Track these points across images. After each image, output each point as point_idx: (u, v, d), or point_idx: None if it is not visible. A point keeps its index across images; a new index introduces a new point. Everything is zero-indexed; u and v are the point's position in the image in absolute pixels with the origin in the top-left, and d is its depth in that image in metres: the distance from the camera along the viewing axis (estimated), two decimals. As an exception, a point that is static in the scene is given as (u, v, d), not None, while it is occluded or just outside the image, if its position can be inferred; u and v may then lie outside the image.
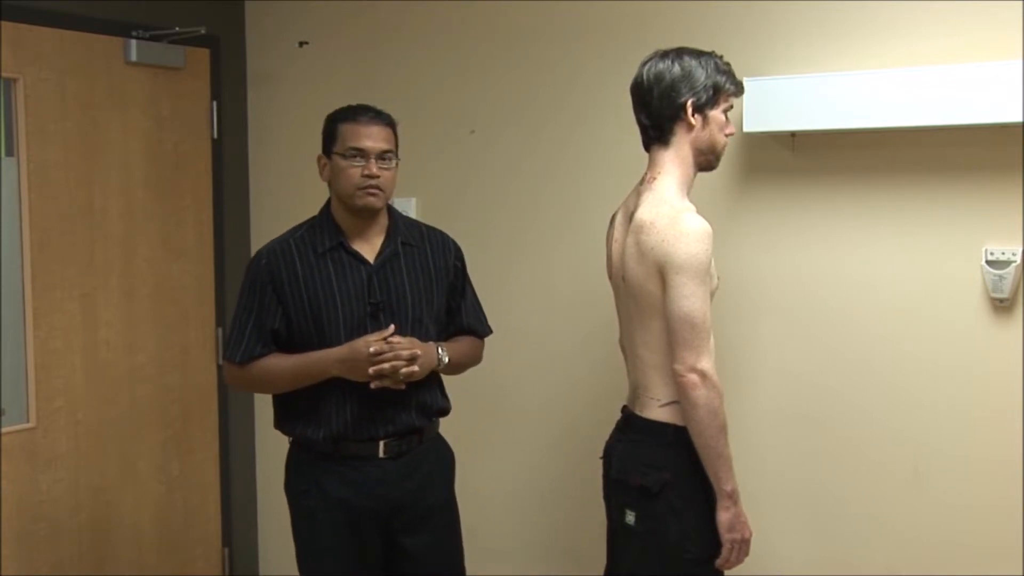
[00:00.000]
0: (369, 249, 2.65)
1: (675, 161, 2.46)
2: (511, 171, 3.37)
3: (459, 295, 2.79)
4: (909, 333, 2.75)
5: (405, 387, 2.56)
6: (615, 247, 2.55)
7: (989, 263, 2.61)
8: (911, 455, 2.77)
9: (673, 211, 2.39)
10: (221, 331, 3.81)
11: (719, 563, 2.42)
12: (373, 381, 2.51)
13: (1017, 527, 2.63)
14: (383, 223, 2.68)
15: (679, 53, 2.45)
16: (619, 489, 2.51)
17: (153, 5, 3.58)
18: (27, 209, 3.27)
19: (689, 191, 2.48)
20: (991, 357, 2.64)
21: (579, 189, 3.23)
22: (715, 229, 2.39)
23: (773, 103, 2.76)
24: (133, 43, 3.49)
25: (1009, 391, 2.62)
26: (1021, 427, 2.61)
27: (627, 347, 2.58)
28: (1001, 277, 2.59)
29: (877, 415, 2.80)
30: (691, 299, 2.33)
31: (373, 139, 2.59)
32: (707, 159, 2.49)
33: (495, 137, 3.40)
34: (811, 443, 2.90)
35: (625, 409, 2.59)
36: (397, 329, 2.56)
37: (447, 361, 2.65)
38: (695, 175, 2.50)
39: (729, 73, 2.48)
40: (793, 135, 2.84)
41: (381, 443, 2.62)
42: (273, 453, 3.19)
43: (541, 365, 3.35)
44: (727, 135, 2.50)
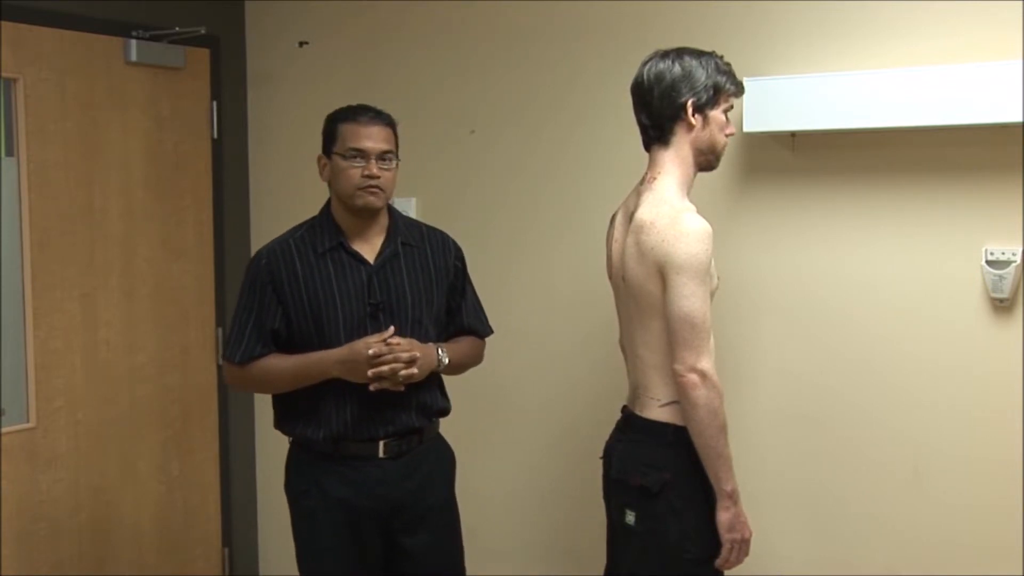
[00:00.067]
0: (369, 249, 2.65)
1: (675, 161, 2.46)
2: (511, 171, 3.37)
3: (459, 295, 2.79)
4: (909, 333, 2.75)
5: (404, 389, 2.56)
6: (615, 247, 2.55)
7: (989, 263, 2.61)
8: (911, 455, 2.77)
9: (673, 211, 2.39)
10: (221, 331, 3.81)
11: (719, 563, 2.42)
12: (372, 383, 2.51)
13: (1017, 527, 2.63)
14: (383, 223, 2.68)
15: (679, 53, 2.46)
16: (619, 489, 2.51)
17: (153, 5, 3.58)
18: (27, 209, 3.27)
19: (689, 191, 2.48)
20: (991, 357, 2.64)
21: (579, 189, 3.23)
22: (715, 229, 2.39)
23: (773, 103, 2.76)
24: (133, 43, 3.49)
25: (1009, 391, 2.62)
26: (1021, 427, 2.61)
27: (627, 347, 2.58)
28: (1001, 277, 2.59)
29: (877, 415, 2.80)
30: (691, 299, 2.33)
31: (373, 139, 2.59)
32: (707, 159, 2.49)
33: (495, 137, 3.39)
34: (811, 443, 2.90)
35: (625, 409, 2.59)
36: (397, 330, 2.56)
37: (447, 362, 2.65)
38: (695, 175, 2.50)
39: (729, 73, 2.48)
40: (793, 135, 2.84)
41: (381, 443, 2.62)
42: (273, 453, 3.19)
43: (541, 365, 3.35)
44: (727, 135, 2.50)
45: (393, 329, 2.55)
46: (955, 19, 2.63)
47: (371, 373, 2.49)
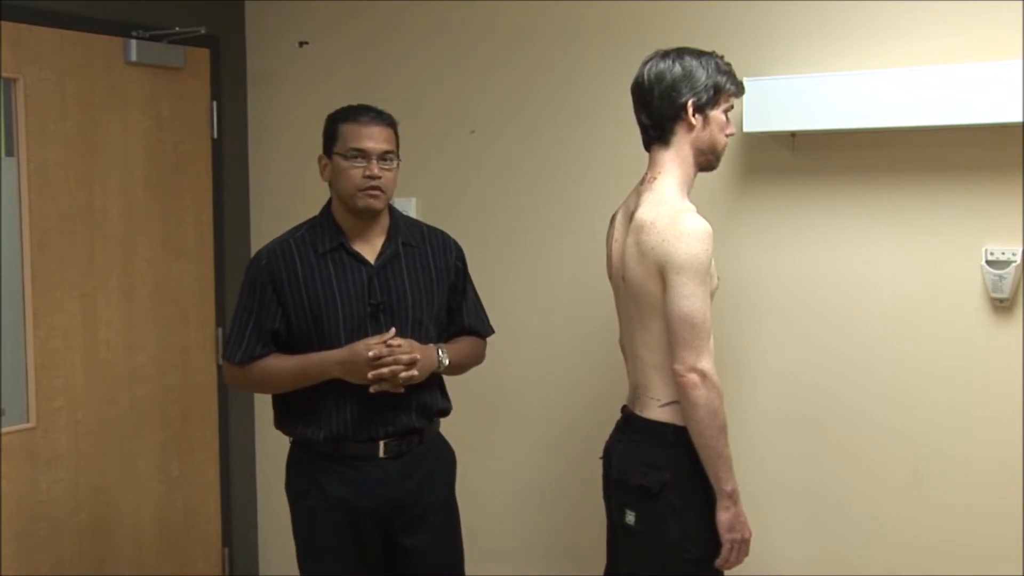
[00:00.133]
0: (370, 250, 2.65)
1: (675, 161, 2.46)
2: (511, 171, 3.37)
3: (460, 295, 2.79)
4: (909, 333, 2.75)
5: (404, 390, 2.56)
6: (615, 247, 2.55)
7: (989, 263, 2.61)
8: (911, 455, 2.77)
9: (673, 211, 2.39)
10: (221, 331, 3.81)
11: (719, 563, 2.42)
12: (372, 385, 2.51)
13: (1017, 527, 2.63)
14: (384, 223, 2.68)
15: (680, 53, 2.46)
16: (619, 489, 2.51)
17: (153, 5, 3.58)
18: (27, 209, 3.27)
19: (689, 191, 2.48)
20: (991, 357, 2.64)
21: (579, 189, 3.23)
22: (715, 229, 2.39)
23: (773, 103, 2.76)
24: (133, 43, 3.49)
25: (1009, 391, 2.62)
26: (1021, 427, 2.61)
27: (627, 347, 2.58)
28: (1001, 277, 2.59)
29: (877, 415, 2.80)
30: (691, 299, 2.33)
31: (374, 140, 2.59)
32: (707, 159, 2.49)
33: (495, 137, 3.39)
34: (811, 443, 2.91)
35: (625, 409, 2.59)
36: (397, 331, 2.56)
37: (447, 363, 2.65)
38: (695, 175, 2.50)
39: (730, 73, 2.48)
40: (793, 135, 2.84)
41: (381, 443, 2.62)
42: (273, 453, 3.19)
43: (541, 365, 3.35)
44: (727, 135, 2.50)
45: (394, 331, 2.56)
46: (955, 19, 2.63)
47: (371, 375, 2.49)
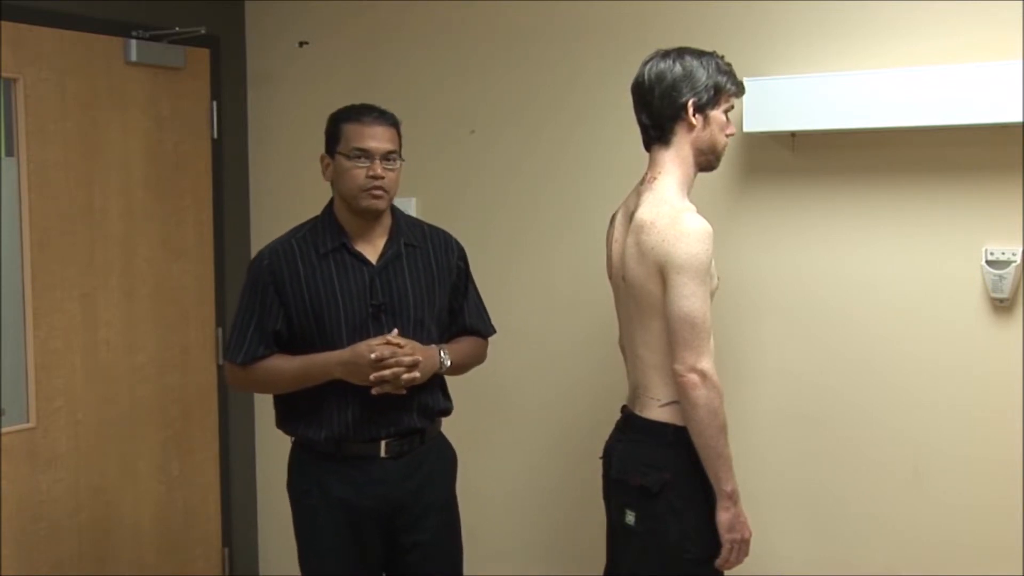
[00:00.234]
0: (372, 250, 2.65)
1: (676, 161, 2.46)
2: (511, 171, 3.37)
3: (462, 295, 2.78)
4: (909, 333, 2.75)
5: (406, 392, 2.56)
6: (615, 247, 2.55)
7: (989, 263, 2.61)
8: (911, 455, 2.77)
9: (673, 211, 2.39)
10: (221, 331, 3.81)
11: (719, 563, 2.42)
12: (374, 387, 2.51)
13: (1017, 527, 2.63)
14: (386, 223, 2.68)
15: (680, 53, 2.46)
16: (619, 489, 2.51)
17: (153, 5, 3.58)
18: (27, 209, 3.27)
19: (689, 191, 2.48)
20: (991, 357, 2.64)
21: (579, 189, 3.23)
22: (715, 229, 2.39)
23: (773, 103, 2.76)
24: (133, 43, 3.49)
25: (1009, 391, 2.62)
26: (1021, 427, 2.61)
27: (627, 347, 2.58)
28: (1001, 277, 2.59)
29: (877, 415, 2.80)
30: (691, 299, 2.33)
31: (378, 140, 2.59)
32: (708, 159, 2.49)
33: (495, 137, 3.39)
34: (811, 443, 2.91)
35: (625, 409, 2.59)
36: (399, 332, 2.56)
37: (448, 364, 2.65)
38: (695, 175, 2.50)
39: (730, 73, 2.48)
40: (793, 135, 2.84)
41: (383, 443, 2.62)
42: (273, 453, 3.19)
43: (541, 365, 3.35)
44: (728, 135, 2.50)
45: (396, 332, 2.55)
46: (955, 19, 2.63)
47: (373, 377, 2.49)
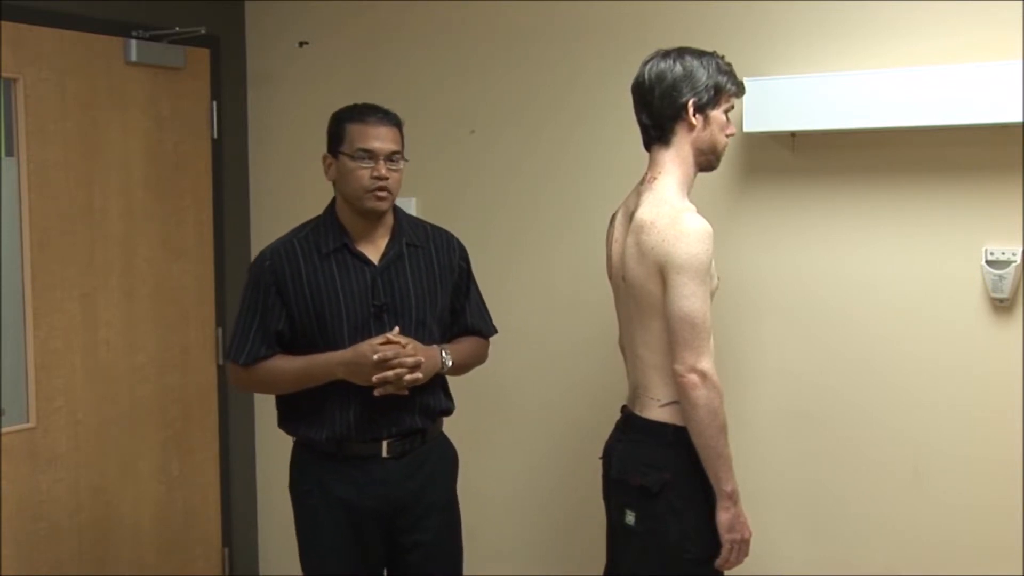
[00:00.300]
0: (374, 250, 2.64)
1: (676, 161, 2.46)
2: (511, 171, 3.37)
3: (463, 295, 2.78)
4: (909, 333, 2.75)
5: (408, 393, 2.56)
6: (615, 247, 2.55)
7: (989, 263, 2.61)
8: (911, 455, 2.77)
9: (673, 211, 2.39)
10: (221, 331, 3.81)
11: (719, 563, 2.42)
12: (376, 387, 2.51)
13: (1017, 527, 2.63)
14: (388, 223, 2.67)
15: (681, 53, 2.46)
16: (619, 489, 2.51)
17: (153, 5, 3.58)
18: (27, 209, 3.27)
19: (689, 191, 2.48)
20: (991, 357, 2.64)
21: (579, 189, 3.23)
22: (715, 229, 2.39)
23: (773, 103, 2.76)
24: (133, 43, 3.49)
25: (1009, 391, 2.62)
26: (1021, 427, 2.61)
27: (627, 347, 2.58)
28: (1001, 277, 2.59)
29: (877, 415, 2.80)
30: (691, 299, 2.33)
31: (382, 140, 2.58)
32: (708, 159, 2.49)
33: (495, 137, 3.39)
34: (811, 443, 2.90)
35: (625, 409, 2.59)
36: (401, 332, 2.56)
37: (450, 364, 2.65)
38: (695, 175, 2.50)
39: (730, 73, 2.48)
40: (793, 135, 2.84)
41: (384, 443, 2.62)
42: (273, 453, 3.20)
43: (541, 365, 3.35)
44: (728, 135, 2.50)
45: (397, 329, 2.55)
46: (955, 19, 2.63)
47: (375, 378, 2.49)
